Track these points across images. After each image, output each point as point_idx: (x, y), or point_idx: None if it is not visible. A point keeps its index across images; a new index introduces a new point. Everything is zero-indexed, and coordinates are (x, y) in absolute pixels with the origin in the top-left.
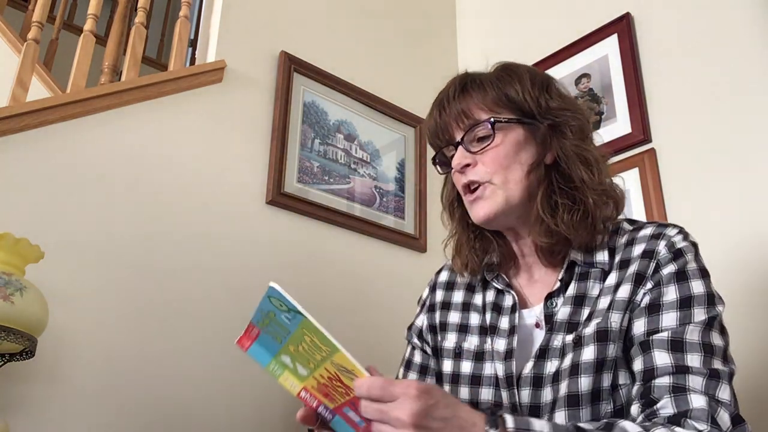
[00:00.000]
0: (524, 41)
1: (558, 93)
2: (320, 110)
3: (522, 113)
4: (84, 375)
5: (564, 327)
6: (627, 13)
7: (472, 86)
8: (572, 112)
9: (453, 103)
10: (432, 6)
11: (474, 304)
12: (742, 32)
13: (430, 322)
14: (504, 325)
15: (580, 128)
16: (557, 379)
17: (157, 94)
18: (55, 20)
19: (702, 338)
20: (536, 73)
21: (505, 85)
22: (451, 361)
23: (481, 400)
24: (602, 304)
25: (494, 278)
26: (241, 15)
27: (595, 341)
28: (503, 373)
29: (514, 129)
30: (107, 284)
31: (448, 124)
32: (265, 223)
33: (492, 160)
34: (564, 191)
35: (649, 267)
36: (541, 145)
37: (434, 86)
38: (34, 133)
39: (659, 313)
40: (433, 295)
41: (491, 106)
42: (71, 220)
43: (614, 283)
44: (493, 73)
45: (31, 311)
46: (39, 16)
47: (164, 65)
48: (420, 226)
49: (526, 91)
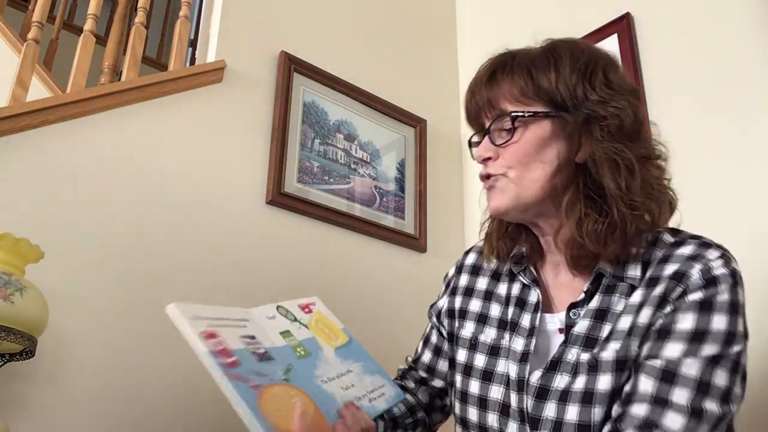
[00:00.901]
0: (524, 41)
1: (604, 82)
2: (320, 110)
3: (553, 105)
4: (84, 375)
5: (581, 341)
6: (627, 13)
7: (501, 73)
8: (614, 107)
9: (482, 90)
10: (432, 6)
11: (497, 294)
12: (742, 32)
13: (449, 306)
14: (525, 324)
15: (619, 127)
16: (566, 398)
17: (157, 94)
18: (55, 20)
19: (701, 374)
20: (582, 56)
21: (539, 72)
22: (465, 351)
23: (490, 397)
24: (623, 324)
25: (521, 271)
26: (241, 15)
27: (613, 370)
28: (515, 375)
29: (539, 124)
30: (107, 284)
31: (478, 110)
32: (265, 223)
33: (511, 156)
34: (591, 199)
35: (675, 291)
36: (570, 142)
37: (434, 86)
38: (34, 133)
39: (665, 340)
40: (458, 277)
41: (518, 97)
42: (71, 220)
43: (638, 301)
44: (533, 55)
45: (31, 311)
46: (39, 16)
47: (164, 65)
48: (420, 226)
49: (562, 79)
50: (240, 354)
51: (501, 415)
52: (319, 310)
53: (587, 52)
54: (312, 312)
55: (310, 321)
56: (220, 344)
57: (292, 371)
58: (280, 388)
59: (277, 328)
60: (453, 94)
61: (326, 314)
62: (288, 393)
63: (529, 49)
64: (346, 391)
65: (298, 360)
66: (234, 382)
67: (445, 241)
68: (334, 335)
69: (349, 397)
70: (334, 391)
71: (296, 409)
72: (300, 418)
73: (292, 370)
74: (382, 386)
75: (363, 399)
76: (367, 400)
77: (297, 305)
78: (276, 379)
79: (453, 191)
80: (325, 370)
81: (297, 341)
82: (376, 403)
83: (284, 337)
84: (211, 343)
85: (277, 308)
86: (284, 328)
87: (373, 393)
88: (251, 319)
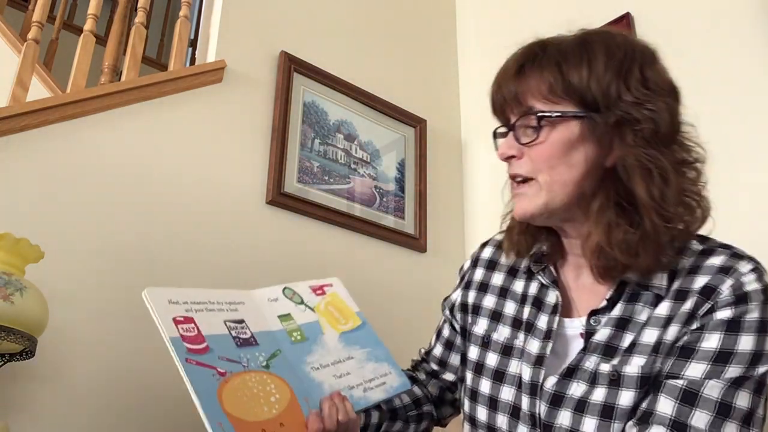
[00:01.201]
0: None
1: (640, 81)
2: (320, 110)
3: (583, 105)
4: (84, 375)
5: (600, 349)
6: (627, 13)
7: (530, 67)
8: (650, 110)
9: (509, 83)
10: (432, 6)
11: (513, 291)
12: (742, 32)
13: (462, 300)
14: (541, 325)
15: (654, 132)
16: (582, 409)
17: (157, 94)
18: (55, 20)
19: (722, 396)
20: (618, 51)
21: (570, 68)
22: (477, 348)
23: (501, 398)
24: (647, 337)
25: (541, 270)
26: (241, 15)
27: (637, 387)
28: (529, 378)
29: (567, 124)
30: (107, 284)
31: (504, 104)
32: (265, 223)
33: (537, 157)
34: (621, 207)
35: (703, 307)
36: (599, 145)
37: (434, 86)
38: (34, 133)
39: (688, 360)
40: (473, 271)
41: (546, 94)
42: (71, 220)
43: (665, 314)
44: (565, 47)
45: (31, 311)
46: (39, 16)
47: (164, 65)
48: (420, 226)
49: (594, 76)
50: (215, 340)
51: (511, 418)
52: (334, 292)
53: (623, 47)
54: (325, 294)
55: (319, 304)
56: (191, 330)
57: (277, 357)
58: (255, 375)
59: (277, 311)
60: (453, 94)
61: (342, 296)
62: (264, 380)
63: (561, 40)
64: (338, 379)
65: (291, 345)
66: (194, 369)
67: (445, 241)
68: (344, 319)
69: (341, 385)
70: (324, 379)
71: (268, 398)
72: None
73: (279, 356)
74: (385, 375)
75: (356, 388)
76: (361, 389)
77: (308, 287)
78: (253, 366)
79: (453, 191)
80: (320, 356)
81: (295, 325)
82: (372, 393)
83: (282, 320)
84: (182, 328)
85: (283, 290)
86: (285, 311)
87: (371, 382)
88: (248, 302)
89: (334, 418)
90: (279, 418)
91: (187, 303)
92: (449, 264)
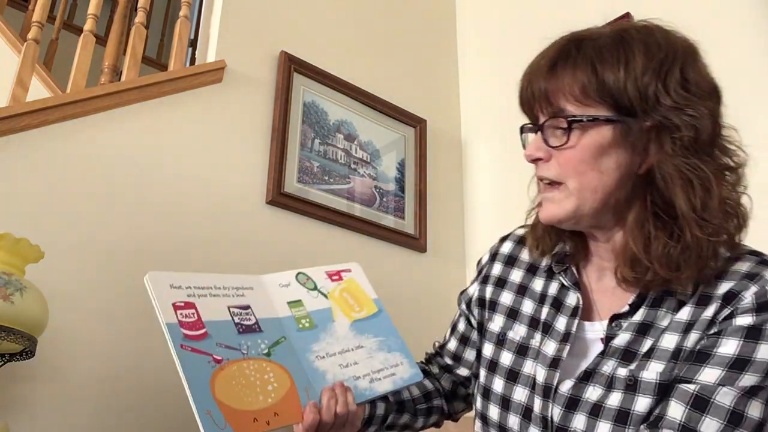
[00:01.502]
0: (524, 41)
1: (680, 83)
2: (320, 110)
3: (617, 109)
4: (84, 375)
5: (618, 354)
6: (627, 13)
7: (563, 65)
8: (690, 116)
9: (539, 81)
10: (432, 6)
11: (531, 289)
12: (742, 32)
13: (480, 295)
14: (559, 327)
15: (694, 139)
16: (597, 413)
17: (157, 94)
18: (55, 20)
19: (735, 405)
20: (659, 51)
21: (605, 67)
22: (492, 346)
23: (513, 398)
24: (666, 343)
25: (562, 271)
26: (241, 15)
27: (654, 393)
28: (543, 380)
29: (599, 129)
30: (107, 284)
31: (533, 101)
32: (265, 223)
33: (566, 162)
34: (659, 218)
35: (723, 312)
36: (633, 151)
37: (434, 86)
38: (34, 133)
39: (703, 365)
40: (491, 265)
41: (578, 96)
42: (71, 220)
43: (685, 320)
44: (601, 43)
45: (31, 311)
46: (39, 16)
47: (164, 65)
48: (420, 226)
49: (632, 77)
50: (215, 326)
51: (523, 419)
52: (352, 278)
53: (664, 46)
54: (342, 280)
55: (334, 290)
56: (191, 315)
57: (281, 345)
58: (253, 362)
59: (287, 297)
60: (453, 94)
61: (360, 283)
62: (263, 368)
63: (598, 35)
64: (344, 368)
65: (298, 332)
66: (188, 355)
67: (445, 241)
68: (359, 306)
69: (345, 375)
70: (328, 369)
71: (264, 387)
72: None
73: (283, 343)
74: (396, 365)
75: (362, 379)
76: (367, 380)
77: (324, 272)
78: (253, 354)
79: (453, 191)
80: (327, 344)
81: (305, 312)
82: (379, 384)
83: (291, 307)
84: (181, 314)
85: (296, 275)
86: (295, 297)
87: (379, 373)
88: (257, 287)
89: (332, 409)
90: (274, 407)
91: (190, 288)
92: (449, 264)
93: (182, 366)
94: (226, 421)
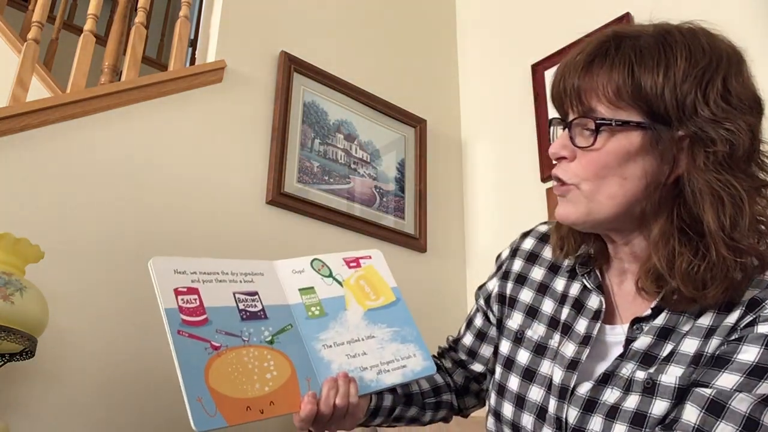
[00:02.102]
0: (524, 41)
1: (721, 94)
2: (320, 110)
3: (651, 115)
4: (84, 375)
5: (638, 357)
6: (627, 13)
7: (599, 63)
8: (727, 130)
9: (573, 77)
10: (432, 6)
11: (552, 289)
12: (742, 32)
13: (500, 291)
14: (579, 329)
15: (729, 155)
16: (614, 415)
17: (157, 94)
18: (55, 20)
19: (751, 411)
20: (702, 58)
21: (643, 70)
22: (509, 343)
23: (529, 397)
24: (687, 347)
25: (585, 273)
26: (241, 15)
27: (672, 397)
28: (559, 381)
29: (627, 134)
30: (107, 284)
31: (563, 97)
32: (265, 223)
33: (588, 165)
34: (685, 234)
35: (745, 318)
36: (661, 160)
37: (434, 86)
38: (34, 133)
39: (721, 370)
40: (512, 261)
41: (611, 98)
42: (71, 220)
43: (707, 325)
44: (642, 43)
45: (31, 311)
46: (39, 16)
47: (164, 65)
48: (420, 226)
49: (670, 84)
50: (217, 312)
51: (537, 419)
52: (371, 265)
53: (708, 53)
54: (360, 267)
55: (350, 278)
56: (192, 301)
57: (286, 332)
58: (254, 350)
59: (299, 284)
60: (453, 94)
61: (379, 270)
62: (263, 356)
63: (639, 33)
64: (351, 359)
65: (306, 320)
66: (185, 341)
67: (445, 241)
68: (375, 294)
69: (352, 366)
70: (334, 358)
71: (263, 375)
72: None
73: (289, 331)
74: (408, 357)
75: (370, 370)
76: (375, 371)
77: (341, 258)
78: (255, 341)
79: (453, 191)
80: (336, 333)
81: (316, 299)
82: (386, 376)
83: (302, 294)
84: (182, 299)
85: (311, 262)
86: (308, 284)
87: (389, 364)
88: (268, 273)
89: (331, 401)
90: (270, 396)
91: (195, 273)
92: (449, 264)
93: (177, 352)
94: (216, 409)
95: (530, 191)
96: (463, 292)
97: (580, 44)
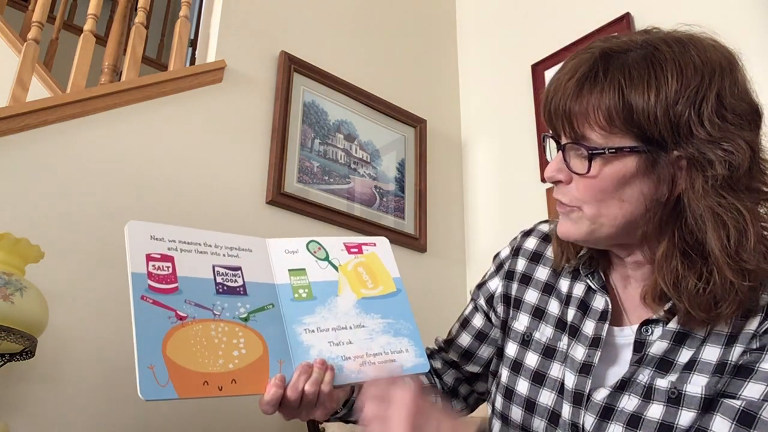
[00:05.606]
0: (524, 42)
1: (716, 110)
2: (320, 110)
3: (644, 139)
4: (84, 375)
5: (654, 363)
6: (627, 13)
7: (589, 88)
8: (725, 150)
9: (563, 101)
10: (432, 6)
11: (558, 289)
12: (742, 32)
13: (505, 291)
14: (587, 331)
15: (730, 176)
16: (636, 425)
17: (157, 94)
18: (55, 20)
19: None
20: (694, 73)
21: (633, 91)
22: (516, 346)
23: (539, 401)
24: (709, 355)
25: (589, 274)
26: (241, 15)
27: (699, 408)
28: (572, 386)
29: (622, 160)
30: (107, 284)
31: (555, 119)
32: (265, 223)
33: (586, 190)
34: (688, 257)
35: (763, 325)
36: (660, 180)
37: (434, 86)
38: (34, 133)
39: (747, 379)
40: (515, 260)
41: (603, 123)
42: (71, 220)
43: (726, 332)
44: (630, 62)
45: (31, 311)
46: (39, 16)
47: (164, 65)
48: (420, 226)
49: (662, 105)
50: (189, 282)
51: (549, 423)
52: (374, 252)
53: (700, 67)
54: (361, 253)
55: (347, 263)
56: (164, 268)
57: (266, 311)
58: (224, 325)
59: (289, 265)
60: (453, 94)
61: (382, 258)
62: (234, 332)
63: (627, 48)
64: (333, 346)
65: (291, 302)
66: (147, 307)
67: (445, 241)
68: (373, 282)
69: (333, 354)
70: (315, 344)
71: (229, 351)
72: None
73: (269, 310)
74: (399, 352)
75: (352, 360)
76: (358, 362)
77: (342, 243)
78: (228, 316)
79: (453, 191)
80: (321, 318)
81: (305, 282)
82: (370, 369)
83: (291, 274)
84: (153, 265)
85: (308, 243)
86: (299, 265)
87: (375, 357)
88: (257, 250)
89: (300, 386)
90: (234, 374)
91: (174, 242)
92: (449, 264)
93: (136, 317)
94: (169, 379)
95: (530, 191)
96: (463, 292)
97: (569, 62)
